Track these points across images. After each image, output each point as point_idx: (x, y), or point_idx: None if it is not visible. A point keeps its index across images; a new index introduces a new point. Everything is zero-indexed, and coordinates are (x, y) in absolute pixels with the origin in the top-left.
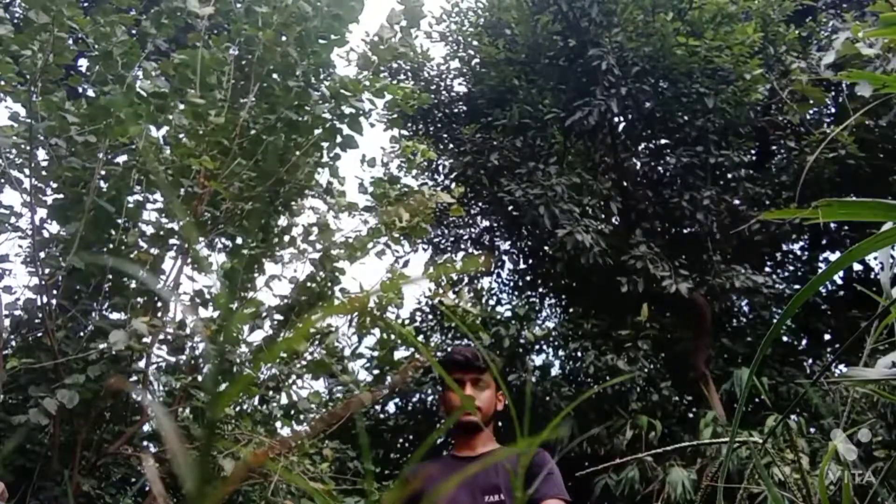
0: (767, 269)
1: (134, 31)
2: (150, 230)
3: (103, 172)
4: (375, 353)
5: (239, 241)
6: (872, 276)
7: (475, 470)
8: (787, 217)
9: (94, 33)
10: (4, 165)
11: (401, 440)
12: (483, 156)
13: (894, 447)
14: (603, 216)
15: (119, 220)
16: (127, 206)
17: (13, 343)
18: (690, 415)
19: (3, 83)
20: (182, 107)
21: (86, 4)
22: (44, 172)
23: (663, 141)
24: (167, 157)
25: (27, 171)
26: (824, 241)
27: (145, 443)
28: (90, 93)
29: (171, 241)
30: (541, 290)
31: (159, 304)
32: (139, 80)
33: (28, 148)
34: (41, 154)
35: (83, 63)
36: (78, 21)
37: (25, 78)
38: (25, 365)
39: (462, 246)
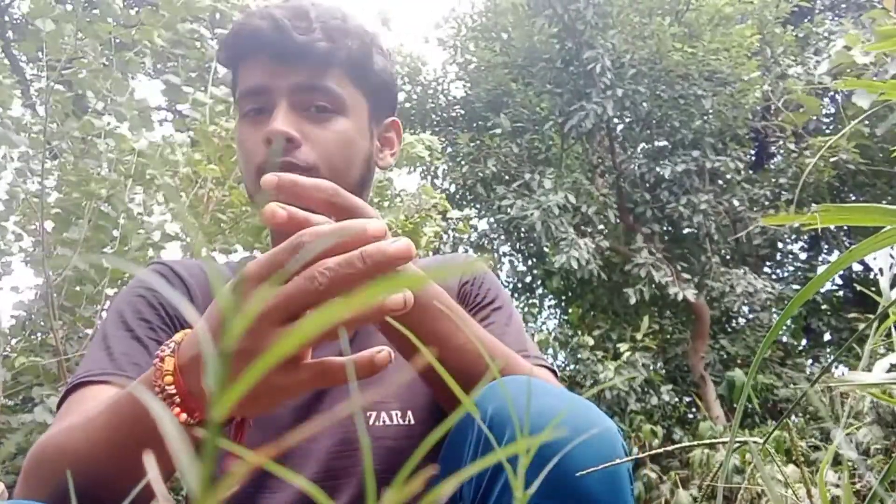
0: (767, 269)
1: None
2: (156, 234)
3: (106, 171)
4: None
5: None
6: (872, 276)
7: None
8: (785, 222)
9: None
10: (16, 178)
11: None
12: (480, 163)
13: (892, 451)
14: (601, 225)
15: (122, 223)
16: (130, 213)
17: (15, 342)
18: (690, 416)
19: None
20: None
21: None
22: (56, 173)
23: (661, 143)
24: (174, 159)
25: (37, 180)
26: (824, 242)
27: None
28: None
29: (176, 244)
30: (540, 291)
31: None
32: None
33: (32, 154)
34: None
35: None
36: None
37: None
38: (31, 362)
39: (462, 249)
